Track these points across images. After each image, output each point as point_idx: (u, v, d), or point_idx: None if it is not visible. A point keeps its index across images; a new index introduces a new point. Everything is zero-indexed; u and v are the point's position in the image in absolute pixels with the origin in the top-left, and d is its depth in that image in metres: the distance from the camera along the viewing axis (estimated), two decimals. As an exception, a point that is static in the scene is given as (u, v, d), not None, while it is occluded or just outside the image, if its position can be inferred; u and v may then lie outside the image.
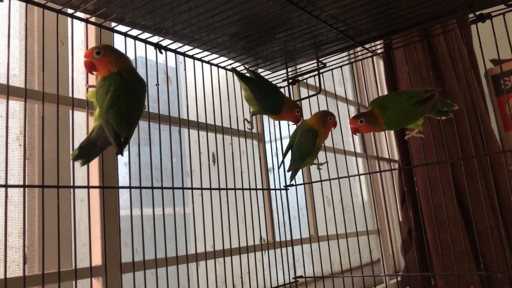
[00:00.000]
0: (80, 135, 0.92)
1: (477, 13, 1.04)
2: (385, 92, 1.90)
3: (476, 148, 1.73)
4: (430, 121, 1.63)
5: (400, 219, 1.82)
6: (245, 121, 1.18)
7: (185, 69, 1.08)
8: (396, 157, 2.00)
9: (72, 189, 0.80)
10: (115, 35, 0.93)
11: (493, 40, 1.04)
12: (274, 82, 1.32)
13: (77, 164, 0.77)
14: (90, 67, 0.78)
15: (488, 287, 1.56)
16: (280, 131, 1.35)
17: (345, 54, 1.28)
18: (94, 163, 0.91)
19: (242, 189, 1.15)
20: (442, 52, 1.78)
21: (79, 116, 0.97)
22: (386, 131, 1.64)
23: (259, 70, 1.29)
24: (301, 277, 1.28)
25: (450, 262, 1.52)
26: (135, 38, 0.95)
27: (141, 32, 0.95)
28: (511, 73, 1.95)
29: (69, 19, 0.87)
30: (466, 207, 1.64)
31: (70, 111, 0.84)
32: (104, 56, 0.77)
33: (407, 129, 1.16)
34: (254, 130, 1.40)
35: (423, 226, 1.61)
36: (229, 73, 1.20)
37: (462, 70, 1.88)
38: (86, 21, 0.87)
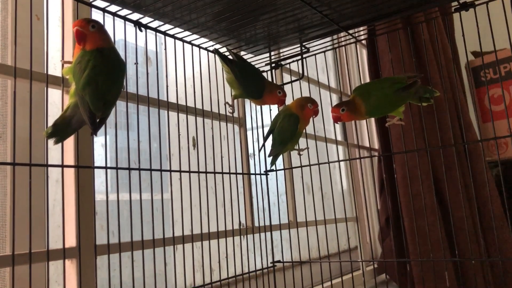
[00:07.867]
0: (56, 114, 0.89)
1: (460, 1, 1.04)
2: (368, 81, 1.90)
3: (455, 138, 1.75)
4: (411, 110, 1.64)
5: (379, 207, 1.83)
6: (227, 105, 1.16)
7: (165, 49, 1.06)
8: (377, 146, 2.02)
9: (45, 168, 0.78)
10: (93, 10, 0.90)
11: (475, 31, 1.04)
12: (256, 66, 1.30)
13: (51, 142, 0.75)
14: (82, 38, 0.76)
15: (461, 273, 1.59)
16: (262, 118, 1.34)
17: (328, 39, 1.27)
18: (70, 143, 0.88)
19: (222, 173, 1.14)
20: (425, 41, 1.79)
21: (55, 94, 0.94)
22: (367, 120, 1.65)
23: (242, 53, 1.27)
24: (279, 261, 1.28)
25: (426, 249, 1.55)
26: (114, 14, 0.92)
27: (120, 8, 0.92)
28: (492, 65, 1.98)
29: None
30: (443, 196, 1.66)
31: (45, 88, 0.81)
32: (97, 31, 0.77)
33: (388, 116, 1.16)
34: (236, 115, 1.38)
35: (400, 214, 1.63)
36: (211, 55, 1.17)
37: (444, 60, 1.89)
38: (62, -6, 0.84)
